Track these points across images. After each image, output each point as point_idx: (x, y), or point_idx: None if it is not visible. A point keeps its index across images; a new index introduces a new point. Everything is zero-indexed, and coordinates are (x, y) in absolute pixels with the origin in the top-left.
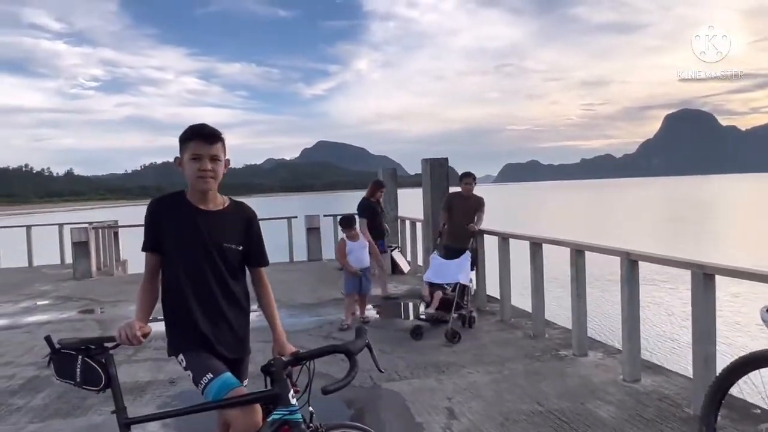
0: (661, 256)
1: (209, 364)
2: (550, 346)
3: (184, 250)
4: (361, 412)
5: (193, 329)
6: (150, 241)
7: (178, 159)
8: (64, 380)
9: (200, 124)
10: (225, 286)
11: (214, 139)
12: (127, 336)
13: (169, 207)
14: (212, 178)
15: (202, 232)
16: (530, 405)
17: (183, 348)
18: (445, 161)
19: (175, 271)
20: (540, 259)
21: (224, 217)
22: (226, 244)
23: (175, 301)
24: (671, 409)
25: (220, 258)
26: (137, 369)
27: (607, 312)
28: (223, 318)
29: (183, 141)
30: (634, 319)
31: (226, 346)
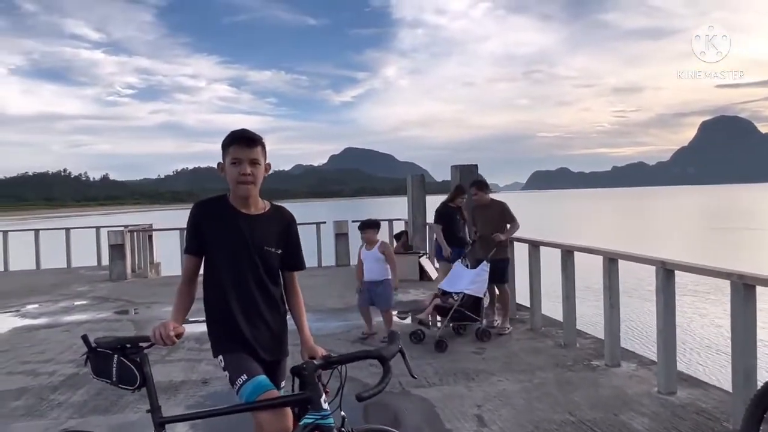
0: (698, 266)
1: (245, 366)
2: (582, 355)
3: (227, 253)
4: (391, 418)
5: (233, 331)
6: (192, 244)
7: (221, 164)
8: (101, 379)
9: (241, 129)
10: (265, 289)
11: (253, 143)
12: (161, 336)
13: (212, 210)
14: (252, 183)
15: (244, 235)
16: (562, 415)
17: (223, 349)
18: (474, 168)
19: (218, 273)
20: (572, 267)
21: (265, 220)
22: (267, 247)
23: (217, 303)
24: (709, 423)
25: (260, 261)
26: (171, 369)
27: (638, 322)
28: (262, 320)
29: (225, 146)
30: (670, 330)
31: (264, 348)
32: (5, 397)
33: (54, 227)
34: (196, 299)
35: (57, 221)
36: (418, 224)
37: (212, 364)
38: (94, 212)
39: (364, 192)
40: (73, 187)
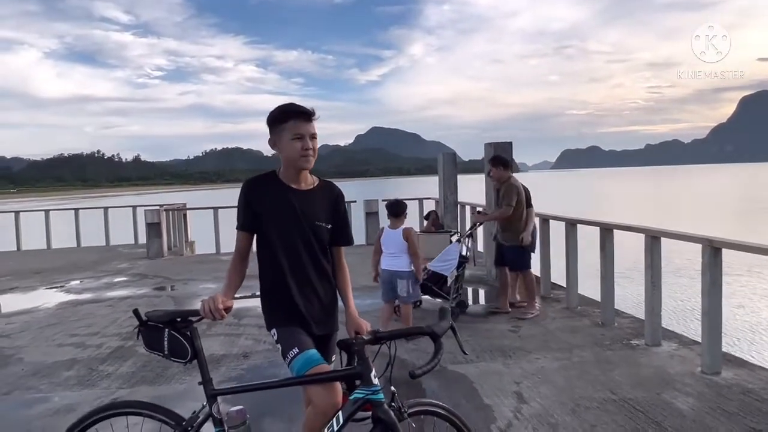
0: (750, 244)
1: (298, 339)
2: (621, 335)
3: (280, 228)
4: (430, 394)
5: (288, 305)
6: (245, 221)
7: (273, 140)
8: (153, 351)
9: (292, 103)
10: (317, 263)
11: (312, 117)
12: (210, 309)
13: (263, 187)
14: (313, 156)
15: (297, 210)
16: (603, 393)
17: (277, 323)
18: (509, 145)
19: (272, 248)
20: (611, 245)
21: (315, 195)
22: (318, 222)
23: (273, 277)
24: (756, 403)
25: (313, 235)
26: (212, 343)
27: (674, 302)
28: (315, 294)
29: (279, 121)
30: (716, 310)
31: (317, 322)
32: (57, 367)
33: (92, 206)
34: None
35: (94, 201)
36: (450, 203)
37: (252, 338)
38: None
39: (390, 172)
40: (107, 167)
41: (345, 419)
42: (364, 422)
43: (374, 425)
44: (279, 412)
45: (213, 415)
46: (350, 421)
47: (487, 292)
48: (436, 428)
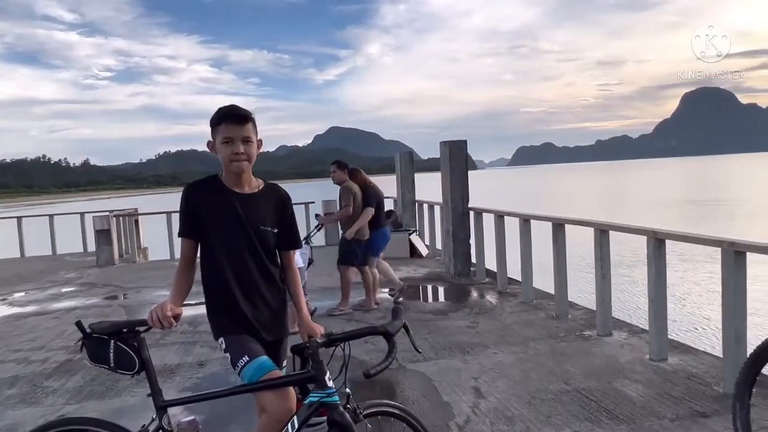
0: (690, 234)
1: (247, 347)
2: (574, 326)
3: (224, 233)
4: (389, 393)
5: (234, 312)
6: (187, 227)
7: (211, 143)
8: (99, 365)
9: (230, 105)
10: (263, 268)
11: (244, 120)
12: (158, 318)
13: (205, 191)
14: (246, 161)
15: (240, 215)
16: (557, 384)
17: (224, 331)
18: (463, 144)
19: (215, 255)
20: (562, 239)
21: (260, 199)
22: (263, 226)
23: (216, 285)
24: (701, 387)
25: (258, 241)
26: (165, 352)
27: (626, 293)
28: (262, 300)
29: (214, 124)
30: (661, 299)
31: (265, 328)
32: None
33: (37, 214)
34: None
35: (39, 208)
36: (408, 201)
37: (207, 346)
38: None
39: None
40: (54, 173)
41: (300, 424)
42: (319, 426)
43: (330, 428)
44: (234, 421)
45: (163, 427)
46: (305, 426)
47: (447, 290)
48: (393, 429)
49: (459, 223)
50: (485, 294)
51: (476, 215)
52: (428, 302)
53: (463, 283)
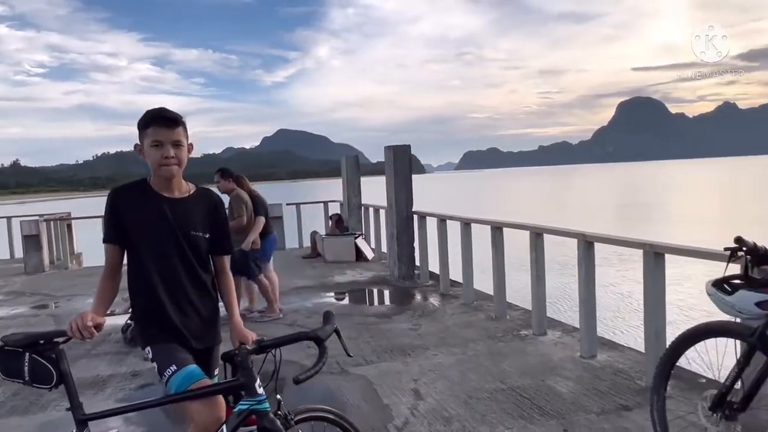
0: (615, 237)
1: (174, 356)
2: (512, 326)
3: (151, 239)
4: (329, 398)
5: (162, 320)
6: (112, 232)
7: (139, 146)
8: (12, 379)
9: (159, 108)
10: (194, 274)
11: (174, 124)
12: (78, 328)
13: (132, 196)
14: (176, 165)
15: (169, 220)
16: (493, 383)
17: (151, 340)
18: (407, 148)
19: (142, 261)
20: (501, 242)
21: (190, 204)
22: (194, 231)
23: (144, 292)
24: (625, 382)
25: (188, 246)
26: (97, 363)
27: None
28: (192, 307)
29: (142, 127)
30: (591, 298)
31: (195, 336)
32: None
33: None
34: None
35: None
36: (354, 205)
37: (142, 356)
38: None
39: (298, 174)
40: None
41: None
42: None
43: None
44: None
45: None
46: None
47: (391, 293)
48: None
49: (403, 226)
50: (428, 296)
51: (420, 219)
52: (373, 306)
53: (407, 286)
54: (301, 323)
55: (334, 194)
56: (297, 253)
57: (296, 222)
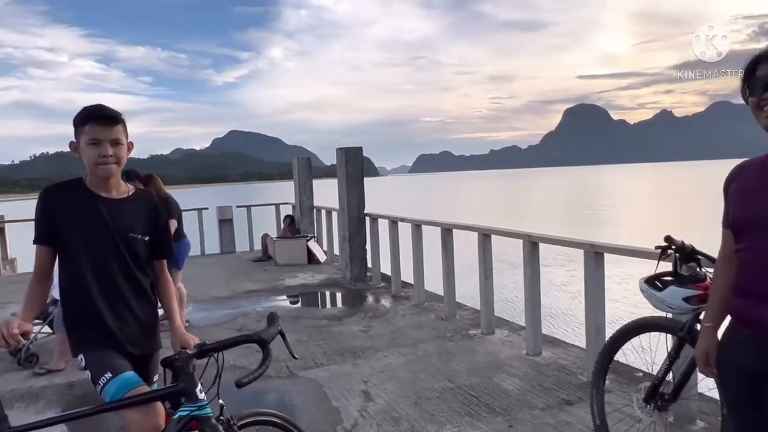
0: (558, 237)
1: (109, 363)
2: (461, 326)
3: (87, 241)
4: (278, 402)
5: (98, 326)
6: (43, 233)
7: (74, 143)
8: None
9: (97, 105)
10: (132, 278)
11: (114, 122)
12: (3, 336)
13: (66, 195)
14: (115, 164)
15: (106, 220)
16: (442, 383)
17: (85, 347)
18: (359, 150)
19: (77, 264)
20: (451, 243)
21: (129, 205)
22: (132, 234)
23: (78, 297)
24: (568, 377)
25: (126, 249)
26: (30, 374)
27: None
28: (129, 312)
29: (78, 125)
30: (536, 297)
31: (132, 342)
32: None
33: None
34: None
35: None
36: (306, 207)
37: (79, 366)
38: None
39: (251, 177)
40: None
41: None
42: None
43: None
44: None
45: None
46: None
47: (343, 295)
48: None
49: (355, 228)
50: (380, 298)
51: (372, 221)
52: (324, 308)
53: (359, 288)
54: (251, 327)
55: (287, 197)
56: (247, 257)
57: (247, 224)
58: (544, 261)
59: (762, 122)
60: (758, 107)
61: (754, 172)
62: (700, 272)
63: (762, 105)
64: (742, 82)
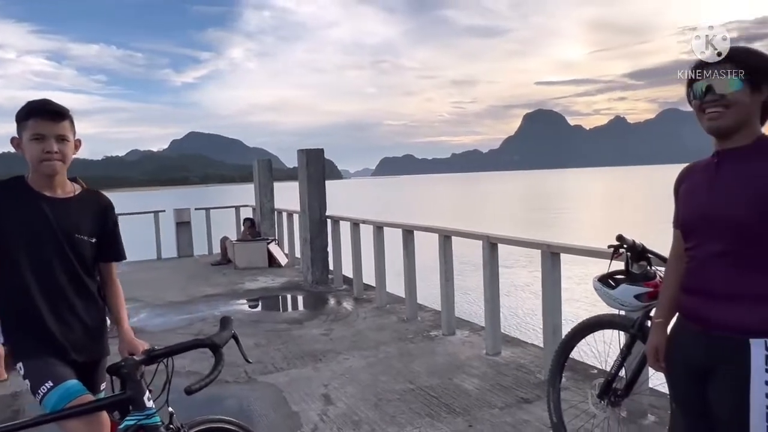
0: (516, 239)
1: (51, 371)
2: (422, 327)
3: (29, 242)
4: (236, 408)
5: (39, 332)
6: None
7: (16, 139)
8: None
9: (41, 99)
10: (77, 281)
11: (60, 117)
12: None
13: (5, 194)
14: (60, 161)
15: (50, 221)
16: (403, 384)
17: (25, 354)
18: (320, 152)
19: (17, 267)
20: (412, 245)
21: (75, 205)
22: (78, 235)
23: (18, 301)
24: (526, 376)
25: (71, 251)
26: None
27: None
28: (75, 316)
29: (21, 119)
30: (495, 298)
31: (77, 348)
32: None
33: None
34: None
35: None
36: (267, 210)
37: None
38: None
39: (211, 179)
40: None
41: None
42: None
43: None
44: None
45: None
46: None
47: (304, 298)
48: None
49: (316, 231)
50: (342, 301)
51: (333, 223)
52: (285, 312)
53: (321, 291)
54: (208, 332)
55: (247, 199)
56: (206, 260)
57: (205, 227)
58: (507, 262)
59: (704, 125)
60: (700, 110)
61: (700, 173)
62: (651, 270)
63: (704, 108)
64: (686, 88)
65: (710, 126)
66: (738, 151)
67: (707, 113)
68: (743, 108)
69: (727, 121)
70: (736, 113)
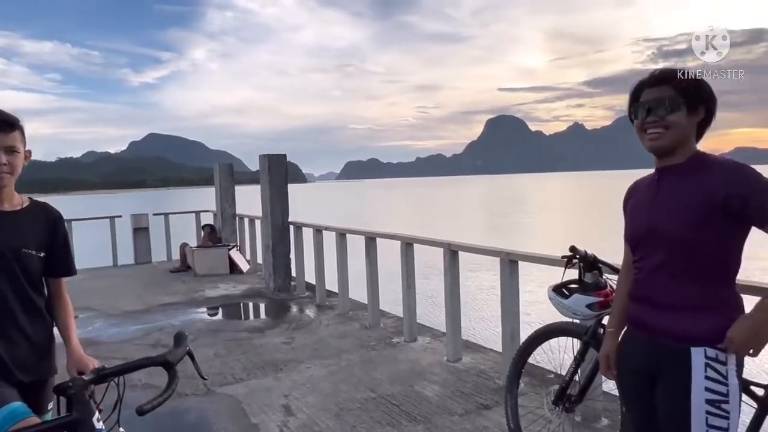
0: (476, 246)
1: None
2: (384, 334)
3: None
4: (194, 421)
5: None
6: None
7: None
8: None
9: None
10: (24, 297)
11: (9, 128)
12: None
13: None
14: (8, 173)
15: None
16: (364, 393)
17: None
18: (283, 157)
19: None
20: (374, 252)
21: (23, 218)
22: (25, 249)
23: None
24: (486, 382)
25: (18, 266)
26: None
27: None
28: (21, 334)
29: None
30: (456, 305)
31: (22, 367)
32: None
33: None
34: None
35: None
36: (228, 215)
37: None
38: None
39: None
40: None
41: None
42: None
43: None
44: None
45: None
46: None
47: (266, 306)
48: None
49: (279, 237)
50: (304, 308)
51: (296, 229)
52: (247, 320)
53: (283, 298)
54: (166, 343)
55: (208, 204)
56: (164, 267)
57: (164, 233)
58: (472, 266)
59: (645, 144)
60: (642, 130)
61: (644, 190)
62: (602, 280)
63: (645, 128)
64: (628, 105)
65: (651, 146)
66: (676, 168)
67: (648, 133)
68: (681, 129)
69: (666, 142)
70: (675, 134)
